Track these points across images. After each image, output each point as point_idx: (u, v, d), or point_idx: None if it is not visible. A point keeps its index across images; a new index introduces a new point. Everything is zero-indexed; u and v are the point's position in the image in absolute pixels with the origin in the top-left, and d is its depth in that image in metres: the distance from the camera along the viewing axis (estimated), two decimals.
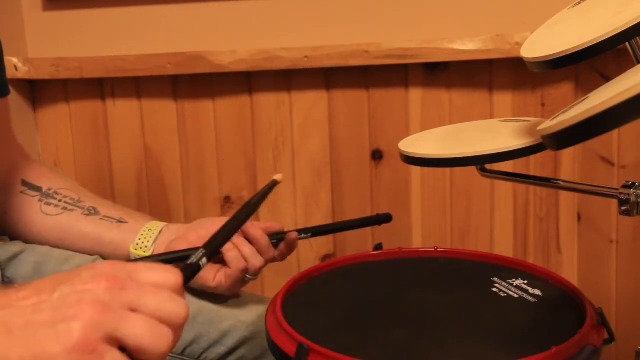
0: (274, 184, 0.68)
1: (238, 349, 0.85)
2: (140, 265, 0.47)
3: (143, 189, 1.41)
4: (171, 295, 0.46)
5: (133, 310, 0.44)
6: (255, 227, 0.82)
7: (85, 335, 0.41)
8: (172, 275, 0.47)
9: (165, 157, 1.39)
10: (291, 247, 0.84)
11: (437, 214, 1.33)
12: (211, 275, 0.82)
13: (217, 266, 0.83)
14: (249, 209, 0.63)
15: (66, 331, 0.41)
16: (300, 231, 0.86)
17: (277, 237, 0.84)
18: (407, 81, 1.30)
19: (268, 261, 0.83)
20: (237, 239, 0.81)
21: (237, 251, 0.81)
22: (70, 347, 0.41)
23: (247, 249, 0.81)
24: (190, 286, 0.84)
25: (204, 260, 0.54)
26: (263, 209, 1.37)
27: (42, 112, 1.42)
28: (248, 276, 0.82)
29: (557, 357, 0.58)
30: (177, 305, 0.46)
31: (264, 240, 0.82)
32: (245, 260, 0.81)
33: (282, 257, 0.85)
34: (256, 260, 0.81)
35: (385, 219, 0.93)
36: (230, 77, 1.33)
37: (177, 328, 0.46)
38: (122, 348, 0.44)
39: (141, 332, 0.43)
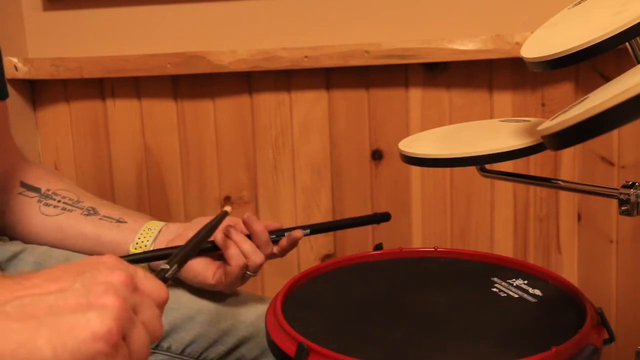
0: (224, 214, 0.76)
1: (237, 349, 0.85)
2: (140, 271, 0.48)
3: (143, 188, 1.41)
4: (159, 314, 0.47)
5: (135, 312, 0.45)
6: (257, 222, 0.82)
7: (114, 326, 0.41)
8: (163, 292, 0.48)
9: (165, 156, 1.39)
10: (293, 243, 0.85)
11: (437, 214, 1.33)
12: (210, 273, 0.82)
13: (217, 263, 0.83)
14: (205, 234, 0.70)
15: (98, 319, 0.41)
16: (299, 228, 0.86)
17: (276, 234, 0.84)
18: (407, 81, 1.30)
19: (267, 257, 0.83)
20: (237, 235, 0.81)
21: (237, 248, 0.81)
22: (99, 336, 0.41)
23: (247, 245, 0.81)
24: (189, 284, 0.85)
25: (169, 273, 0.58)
26: (263, 208, 1.37)
27: (42, 112, 1.42)
28: (248, 272, 0.82)
29: (557, 357, 0.58)
30: (160, 324, 0.47)
31: (264, 236, 0.82)
32: (245, 256, 0.81)
33: (283, 253, 0.85)
34: (256, 257, 0.81)
35: (384, 217, 0.93)
36: (230, 77, 1.33)
37: (152, 341, 0.47)
38: None
39: (139, 336, 0.44)
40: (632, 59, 0.64)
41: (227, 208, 0.77)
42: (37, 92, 1.41)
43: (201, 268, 0.82)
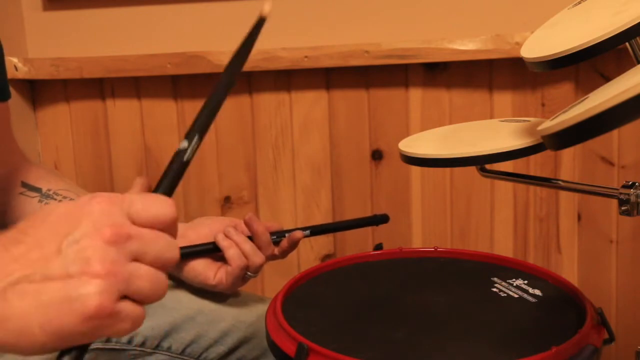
0: (262, 22, 0.57)
1: (238, 349, 0.85)
2: (137, 201, 0.45)
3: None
4: (169, 241, 0.45)
5: (136, 259, 0.43)
6: (258, 223, 0.82)
7: (101, 302, 0.41)
8: (170, 209, 0.46)
9: (165, 156, 1.39)
10: (294, 245, 0.85)
11: (437, 214, 1.33)
12: (211, 273, 0.82)
13: (218, 264, 0.83)
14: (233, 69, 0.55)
15: (82, 301, 0.41)
16: (299, 229, 0.86)
17: (276, 235, 0.84)
18: (407, 81, 1.30)
19: (268, 258, 0.83)
20: (238, 236, 0.81)
21: (237, 249, 0.81)
22: (89, 315, 0.41)
23: (248, 246, 0.81)
24: (190, 285, 0.85)
25: (190, 147, 0.51)
26: (263, 208, 1.37)
27: (42, 112, 1.42)
28: (249, 273, 0.82)
29: (557, 357, 0.58)
30: (173, 251, 0.45)
31: (265, 237, 0.82)
32: (246, 257, 0.81)
33: (283, 254, 0.85)
34: (257, 257, 0.81)
35: (383, 219, 0.93)
36: None
37: (169, 268, 0.46)
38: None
39: (145, 284, 0.43)
40: (632, 59, 0.64)
41: (267, 7, 0.58)
42: (37, 92, 1.41)
43: (202, 268, 0.82)
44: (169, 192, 0.48)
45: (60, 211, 0.44)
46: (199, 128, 0.51)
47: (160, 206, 0.45)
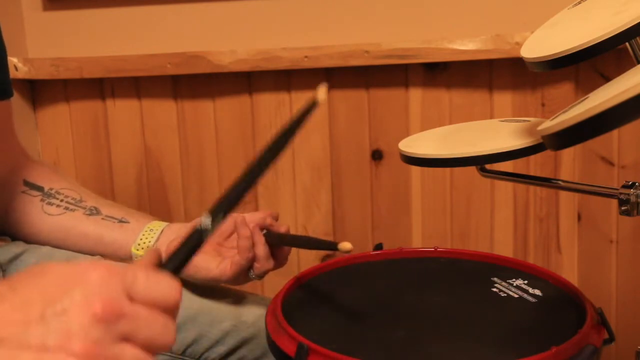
0: (313, 105, 0.53)
1: (239, 349, 0.85)
2: (141, 278, 0.42)
3: (143, 189, 1.41)
4: (165, 324, 0.43)
5: (125, 340, 0.41)
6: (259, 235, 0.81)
7: None
8: (174, 293, 0.43)
9: (165, 157, 1.39)
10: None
11: (437, 214, 1.33)
12: (213, 265, 0.81)
13: (219, 257, 0.82)
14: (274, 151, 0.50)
15: None
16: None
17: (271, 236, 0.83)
18: (407, 81, 1.30)
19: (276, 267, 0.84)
20: (259, 236, 0.80)
21: (250, 242, 0.80)
22: None
23: (265, 249, 0.80)
24: (191, 284, 0.84)
25: (210, 223, 0.47)
26: (263, 208, 1.36)
27: (42, 112, 1.42)
28: (253, 275, 0.82)
29: (557, 357, 0.58)
30: (168, 336, 0.43)
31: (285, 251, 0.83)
32: (257, 259, 0.80)
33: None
34: (267, 262, 0.81)
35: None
36: (230, 77, 1.33)
37: (162, 352, 0.43)
38: None
39: None
40: (632, 59, 0.65)
41: (322, 92, 0.53)
42: (37, 92, 1.41)
43: (203, 263, 0.81)
44: (178, 268, 0.46)
45: (55, 272, 0.42)
46: (226, 206, 0.48)
47: (164, 288, 0.43)
